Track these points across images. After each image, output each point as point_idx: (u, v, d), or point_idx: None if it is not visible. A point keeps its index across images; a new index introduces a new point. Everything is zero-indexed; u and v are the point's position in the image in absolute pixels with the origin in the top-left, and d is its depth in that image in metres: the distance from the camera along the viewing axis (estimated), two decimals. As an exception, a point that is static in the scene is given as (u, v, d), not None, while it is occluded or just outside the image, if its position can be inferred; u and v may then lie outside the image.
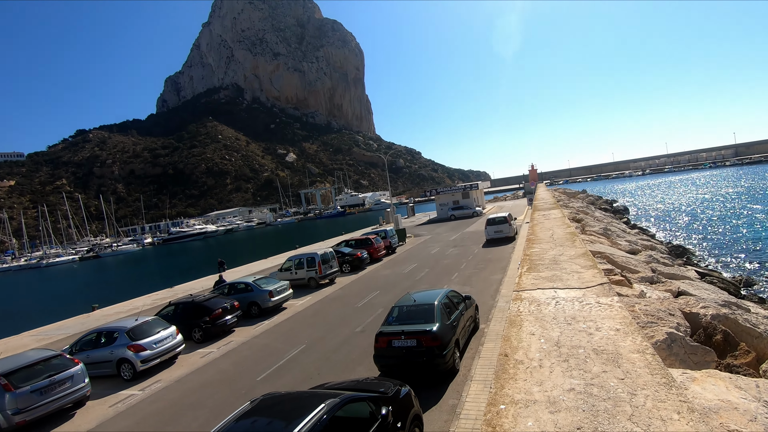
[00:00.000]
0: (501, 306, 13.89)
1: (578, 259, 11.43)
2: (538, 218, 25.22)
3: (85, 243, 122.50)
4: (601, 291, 7.89)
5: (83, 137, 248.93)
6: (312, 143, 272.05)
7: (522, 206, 56.42)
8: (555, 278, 9.54)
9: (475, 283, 18.14)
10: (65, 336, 19.47)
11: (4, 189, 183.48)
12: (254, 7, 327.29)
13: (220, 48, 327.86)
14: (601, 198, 73.76)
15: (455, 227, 43.02)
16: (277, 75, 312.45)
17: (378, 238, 29.65)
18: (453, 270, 21.82)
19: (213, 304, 15.83)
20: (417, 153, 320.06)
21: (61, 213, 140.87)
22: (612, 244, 23.62)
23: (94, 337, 13.53)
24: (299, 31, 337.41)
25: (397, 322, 9.93)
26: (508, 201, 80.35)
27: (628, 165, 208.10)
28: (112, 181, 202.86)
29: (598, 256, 17.74)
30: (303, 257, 23.01)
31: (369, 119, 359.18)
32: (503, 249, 25.89)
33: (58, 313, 31.95)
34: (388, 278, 22.28)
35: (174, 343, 13.55)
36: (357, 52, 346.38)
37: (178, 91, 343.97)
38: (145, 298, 27.20)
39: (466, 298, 11.84)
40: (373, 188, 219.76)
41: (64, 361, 11.12)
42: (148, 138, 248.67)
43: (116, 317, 21.75)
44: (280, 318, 17.42)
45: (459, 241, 32.69)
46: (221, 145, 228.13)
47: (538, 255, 12.91)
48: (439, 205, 57.11)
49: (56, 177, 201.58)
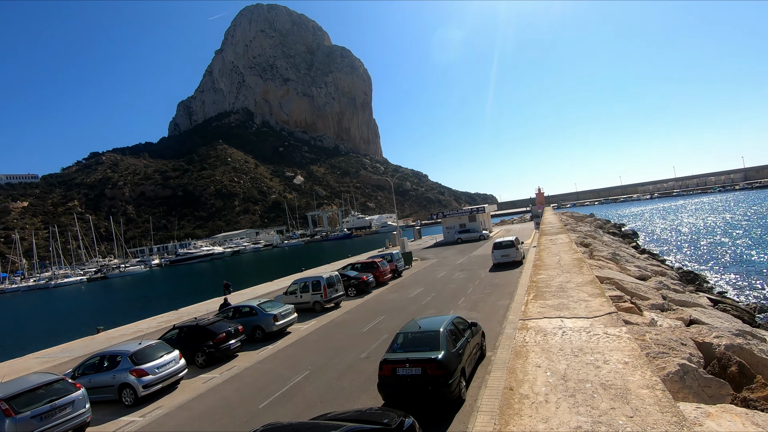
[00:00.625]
0: (508, 333, 13.62)
1: (586, 286, 11.25)
2: (545, 243, 25.01)
3: (93, 264, 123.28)
4: (609, 321, 7.73)
5: (96, 159, 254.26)
6: (320, 166, 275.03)
7: (529, 230, 56.09)
8: (562, 307, 9.38)
9: (482, 309, 17.88)
10: (69, 359, 19.39)
11: (18, 210, 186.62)
12: (266, 35, 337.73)
13: (232, 74, 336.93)
14: (609, 222, 73.19)
15: (462, 251, 42.76)
16: (287, 99, 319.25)
17: (384, 262, 29.52)
18: (460, 295, 21.57)
19: (217, 328, 15.73)
20: (424, 176, 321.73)
21: (71, 234, 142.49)
22: (621, 269, 23.28)
23: (97, 360, 13.46)
24: (309, 57, 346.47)
25: (402, 350, 9.77)
26: (515, 224, 79.97)
27: (636, 189, 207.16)
28: (122, 203, 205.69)
29: (607, 282, 17.48)
30: (308, 280, 22.92)
31: (376, 143, 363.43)
32: (510, 273, 25.61)
33: (63, 334, 31.94)
34: (394, 303, 22.05)
35: (176, 368, 13.41)
36: (365, 78, 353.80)
37: (190, 115, 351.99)
38: (150, 321, 27.13)
39: (473, 325, 11.65)
40: (379, 211, 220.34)
41: (65, 385, 11.02)
42: (160, 160, 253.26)
43: (121, 340, 21.69)
44: (284, 342, 17.23)
45: (466, 264, 32.43)
46: (230, 167, 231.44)
47: (544, 282, 12.74)
48: (446, 228, 56.98)
49: (68, 198, 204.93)
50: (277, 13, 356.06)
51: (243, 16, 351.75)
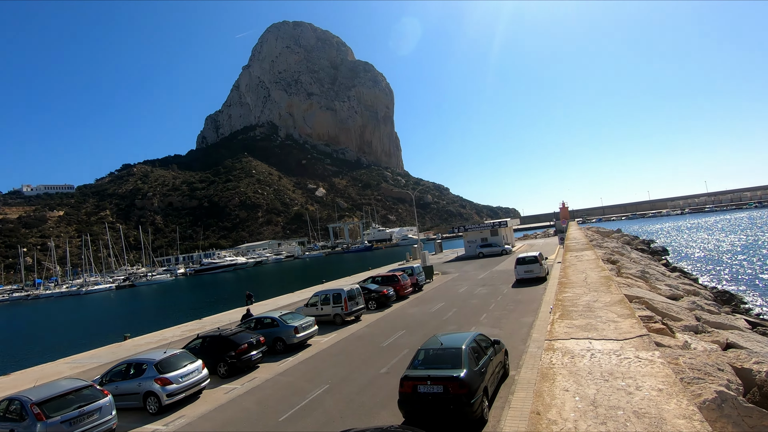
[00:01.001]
0: (533, 352, 13.27)
1: (614, 306, 10.88)
2: (571, 259, 24.41)
3: (122, 272, 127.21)
4: (641, 344, 7.42)
5: (128, 171, 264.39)
6: (341, 178, 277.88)
7: (553, 245, 54.89)
8: (590, 327, 9.08)
9: (505, 326, 17.51)
10: (98, 365, 19.93)
11: (54, 219, 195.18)
12: (291, 51, 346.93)
13: (258, 88, 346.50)
14: (638, 238, 70.88)
15: (484, 265, 42.16)
16: (310, 113, 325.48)
17: (405, 275, 29.37)
18: (481, 310, 21.21)
19: (239, 339, 15.90)
20: (445, 189, 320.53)
21: (102, 242, 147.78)
22: (651, 288, 22.44)
23: (124, 368, 13.78)
24: (332, 72, 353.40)
25: (423, 366, 9.64)
26: (539, 239, 78.43)
27: (666, 204, 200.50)
28: (151, 213, 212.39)
29: (636, 301, 16.87)
30: (329, 293, 23.00)
31: (398, 155, 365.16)
32: (534, 290, 25.04)
33: (92, 340, 32.93)
34: (415, 317, 21.85)
35: (199, 378, 13.60)
36: (387, 92, 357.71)
37: (217, 129, 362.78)
38: (174, 329, 27.67)
39: (495, 343, 11.41)
40: (400, 223, 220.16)
41: (94, 391, 11.32)
42: (187, 172, 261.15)
43: (146, 347, 22.17)
44: (304, 355, 17.26)
45: (488, 279, 31.93)
46: (254, 179, 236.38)
47: (570, 300, 12.39)
48: (467, 242, 56.36)
49: (101, 208, 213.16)
50: (302, 30, 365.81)
51: (270, 33, 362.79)
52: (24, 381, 18.32)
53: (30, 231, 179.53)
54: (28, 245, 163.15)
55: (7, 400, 11.02)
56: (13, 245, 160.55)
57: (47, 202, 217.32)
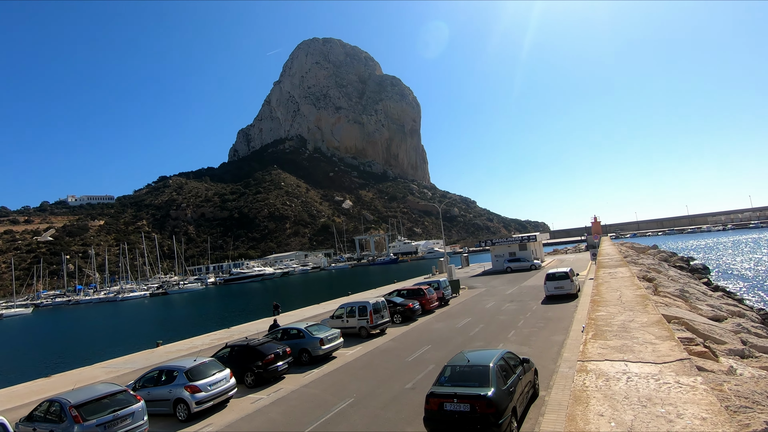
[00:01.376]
0: (564, 372, 12.80)
1: (652, 327, 10.39)
2: (604, 276, 23.55)
3: (156, 280, 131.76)
4: (681, 368, 7.04)
5: (164, 183, 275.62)
6: (368, 191, 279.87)
7: (585, 261, 53.16)
8: (625, 349, 8.69)
9: (534, 344, 17.01)
10: (131, 370, 20.58)
11: (95, 228, 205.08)
12: (320, 66, 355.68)
13: (288, 103, 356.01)
14: (676, 255, 67.67)
15: (512, 280, 41.25)
16: (338, 127, 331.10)
17: (431, 289, 29.10)
18: (509, 327, 20.70)
19: (266, 349, 16.10)
20: (472, 202, 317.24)
21: (138, 251, 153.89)
22: (691, 308, 21.33)
23: (156, 374, 14.17)
24: (360, 86, 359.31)
25: (449, 383, 9.46)
26: (569, 254, 76.16)
27: (706, 219, 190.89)
28: (184, 223, 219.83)
29: (675, 322, 16.06)
30: (355, 305, 23.04)
31: (424, 168, 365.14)
32: (565, 307, 24.26)
33: (127, 346, 34.11)
34: (441, 332, 21.54)
35: (227, 387, 13.81)
36: (414, 105, 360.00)
37: (249, 142, 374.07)
38: (203, 338, 28.31)
39: (524, 361, 11.09)
40: (426, 236, 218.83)
41: (127, 396, 11.68)
42: (219, 184, 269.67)
43: (177, 354, 22.75)
44: (329, 367, 17.28)
45: (516, 295, 31.19)
46: (283, 191, 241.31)
47: (604, 320, 11.93)
48: (495, 257, 55.37)
49: (138, 218, 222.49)
50: (331, 46, 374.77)
51: (300, 50, 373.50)
52: (63, 383, 19.12)
53: (73, 239, 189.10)
54: (70, 253, 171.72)
55: (48, 402, 11.52)
56: (57, 252, 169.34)
57: (89, 212, 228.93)
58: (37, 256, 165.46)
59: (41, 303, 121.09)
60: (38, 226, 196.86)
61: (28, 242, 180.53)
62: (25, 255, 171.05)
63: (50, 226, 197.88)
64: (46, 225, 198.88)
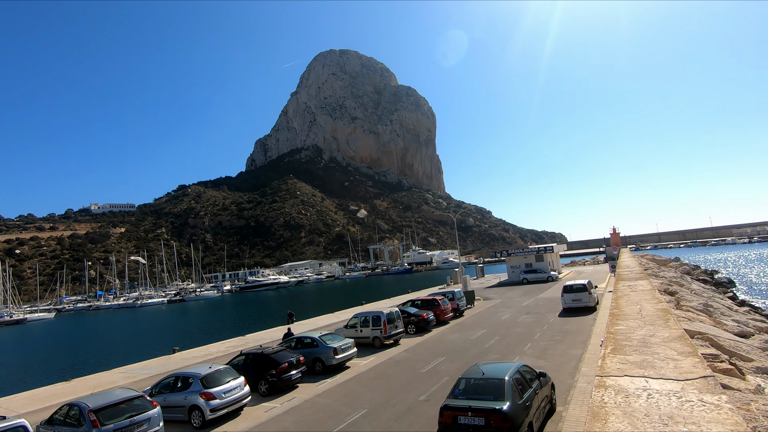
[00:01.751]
0: (582, 387, 12.49)
1: (673, 342, 10.08)
2: (623, 289, 23.01)
3: (173, 287, 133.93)
4: (705, 386, 6.79)
5: (183, 191, 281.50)
6: (383, 200, 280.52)
7: (603, 273, 52.05)
8: (645, 364, 8.45)
9: (551, 358, 16.66)
10: (148, 376, 20.87)
11: (116, 235, 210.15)
12: (337, 77, 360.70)
13: (305, 113, 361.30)
14: (699, 267, 65.73)
15: (528, 292, 40.61)
16: (354, 137, 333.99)
17: (445, 300, 28.85)
18: (526, 340, 20.34)
19: (280, 358, 16.15)
20: (487, 212, 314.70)
21: (158, 258, 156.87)
22: (715, 323, 20.64)
23: (172, 381, 14.33)
24: (376, 97, 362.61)
25: (463, 396, 9.33)
26: (587, 266, 74.68)
27: (731, 231, 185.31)
28: (202, 231, 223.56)
29: (698, 338, 15.55)
30: (369, 315, 22.98)
31: (439, 178, 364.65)
32: (583, 320, 23.74)
33: (144, 351, 34.62)
34: (455, 344, 21.30)
35: (241, 395, 13.88)
36: (429, 115, 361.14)
37: (266, 152, 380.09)
38: (219, 345, 28.56)
39: (541, 375, 10.86)
40: (441, 246, 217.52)
41: (144, 402, 11.84)
42: (237, 193, 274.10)
43: (193, 361, 22.99)
44: (343, 377, 17.22)
45: (532, 307, 30.67)
46: (299, 200, 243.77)
47: (624, 334, 11.63)
48: (511, 268, 54.65)
49: (158, 226, 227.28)
50: (348, 58, 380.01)
51: (317, 61, 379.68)
52: (83, 388, 19.49)
53: (95, 246, 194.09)
54: (92, 259, 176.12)
55: (68, 406, 11.76)
56: (79, 258, 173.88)
57: (111, 220, 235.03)
58: (60, 262, 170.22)
59: (63, 308, 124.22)
60: (62, 232, 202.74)
61: (53, 248, 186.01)
62: (50, 261, 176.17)
63: (74, 233, 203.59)
64: (70, 232, 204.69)
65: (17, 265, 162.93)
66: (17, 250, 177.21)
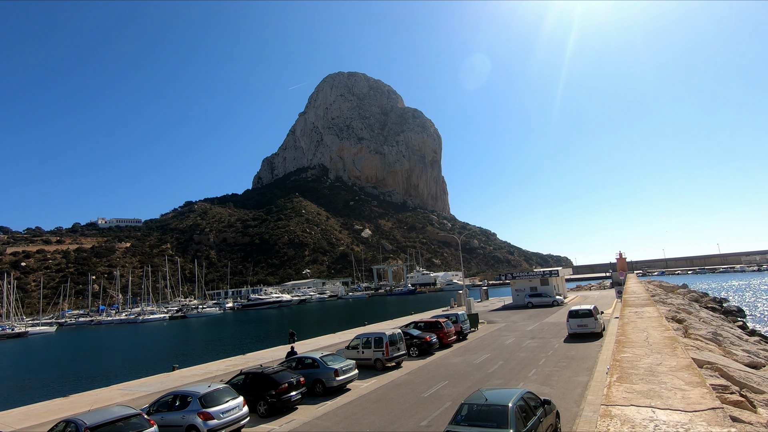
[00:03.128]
0: (587, 416, 12.19)
1: (681, 372, 9.88)
2: (630, 315, 22.67)
3: (176, 303, 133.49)
4: (714, 418, 6.63)
5: (189, 207, 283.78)
6: (387, 220, 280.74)
7: (609, 298, 51.35)
8: (652, 394, 8.27)
9: (556, 384, 16.32)
10: (146, 393, 20.62)
11: (121, 250, 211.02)
12: (344, 98, 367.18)
13: (312, 133, 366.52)
14: (707, 295, 64.67)
15: (533, 316, 40.06)
16: (360, 157, 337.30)
17: (449, 322, 28.52)
18: (530, 365, 19.97)
19: (280, 378, 15.95)
20: (492, 234, 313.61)
21: (161, 273, 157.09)
22: (725, 353, 20.20)
23: (170, 399, 14.16)
24: (382, 118, 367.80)
25: (466, 422, 9.13)
26: (593, 291, 73.72)
27: (740, 258, 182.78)
28: (206, 248, 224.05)
29: (707, 367, 15.21)
30: (371, 336, 22.73)
31: (444, 199, 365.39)
32: (589, 346, 23.32)
33: (143, 368, 34.30)
34: (458, 367, 20.94)
35: (240, 415, 13.66)
36: (435, 137, 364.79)
37: (272, 170, 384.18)
38: (219, 363, 28.26)
39: (546, 403, 10.63)
40: (445, 268, 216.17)
41: (141, 421, 11.69)
42: (242, 210, 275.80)
43: (192, 379, 22.74)
44: (343, 400, 16.93)
45: (537, 332, 30.22)
46: (304, 219, 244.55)
47: (630, 362, 11.42)
48: (515, 291, 54.10)
49: (163, 241, 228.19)
50: (356, 80, 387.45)
51: (326, 83, 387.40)
52: (80, 404, 19.27)
53: (100, 260, 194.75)
54: (97, 273, 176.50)
55: (64, 423, 11.62)
56: (84, 272, 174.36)
57: (117, 234, 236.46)
58: (65, 276, 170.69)
59: (65, 322, 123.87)
60: (68, 246, 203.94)
61: (58, 262, 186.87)
62: (54, 274, 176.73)
63: (80, 246, 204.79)
64: (76, 245, 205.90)
65: (22, 277, 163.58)
66: (23, 263, 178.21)
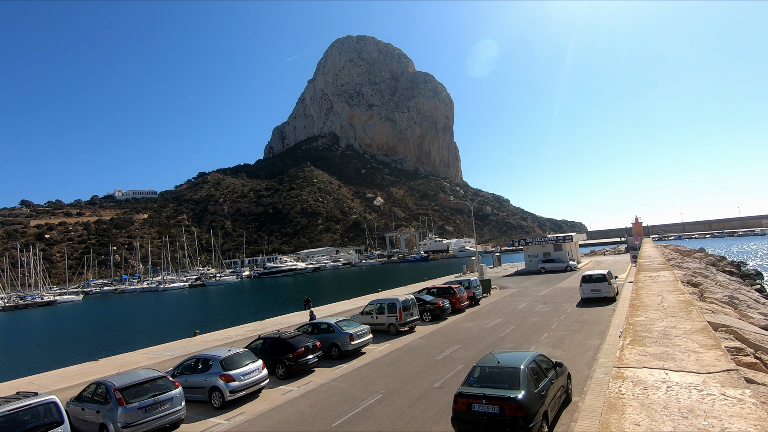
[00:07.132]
0: (599, 378, 12.36)
1: (696, 335, 9.84)
2: (644, 280, 22.50)
3: (195, 272, 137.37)
4: (728, 379, 6.62)
5: (203, 179, 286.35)
6: (399, 188, 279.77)
7: (624, 263, 51.01)
8: (666, 356, 8.27)
9: (568, 348, 16.51)
10: (170, 357, 21.56)
11: (139, 221, 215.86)
12: (354, 64, 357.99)
13: (322, 101, 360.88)
14: (725, 258, 63.70)
15: (545, 281, 40.17)
16: (371, 124, 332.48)
17: (461, 288, 28.78)
18: (542, 329, 20.18)
19: (297, 342, 16.44)
20: (505, 200, 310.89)
21: (179, 244, 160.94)
22: (741, 316, 20.05)
23: (193, 362, 14.77)
24: (393, 83, 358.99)
25: (478, 384, 9.33)
26: (608, 256, 73.27)
27: (760, 221, 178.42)
28: (221, 218, 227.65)
29: (722, 330, 15.15)
30: (384, 302, 23.12)
31: (456, 166, 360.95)
32: (601, 311, 23.39)
33: (166, 334, 35.74)
34: (470, 332, 21.29)
35: (259, 377, 14.21)
36: (447, 102, 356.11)
37: (283, 140, 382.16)
38: (238, 329, 29.24)
39: (557, 365, 10.77)
40: (457, 234, 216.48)
41: (167, 383, 12.25)
42: (255, 180, 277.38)
43: (213, 344, 23.63)
44: (358, 363, 17.45)
45: (549, 297, 30.35)
46: (316, 188, 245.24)
47: (644, 325, 11.40)
48: (528, 257, 54.05)
49: (179, 212, 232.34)
50: (365, 44, 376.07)
51: (334, 48, 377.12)
52: (109, 367, 20.29)
53: (119, 231, 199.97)
54: (117, 244, 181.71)
55: (95, 384, 12.27)
56: (105, 244, 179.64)
57: (134, 206, 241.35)
58: (87, 247, 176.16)
59: (90, 291, 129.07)
60: (88, 218, 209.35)
61: (80, 233, 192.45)
62: (77, 245, 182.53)
63: (99, 218, 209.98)
64: (96, 218, 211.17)
65: (47, 249, 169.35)
66: (47, 235, 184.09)
